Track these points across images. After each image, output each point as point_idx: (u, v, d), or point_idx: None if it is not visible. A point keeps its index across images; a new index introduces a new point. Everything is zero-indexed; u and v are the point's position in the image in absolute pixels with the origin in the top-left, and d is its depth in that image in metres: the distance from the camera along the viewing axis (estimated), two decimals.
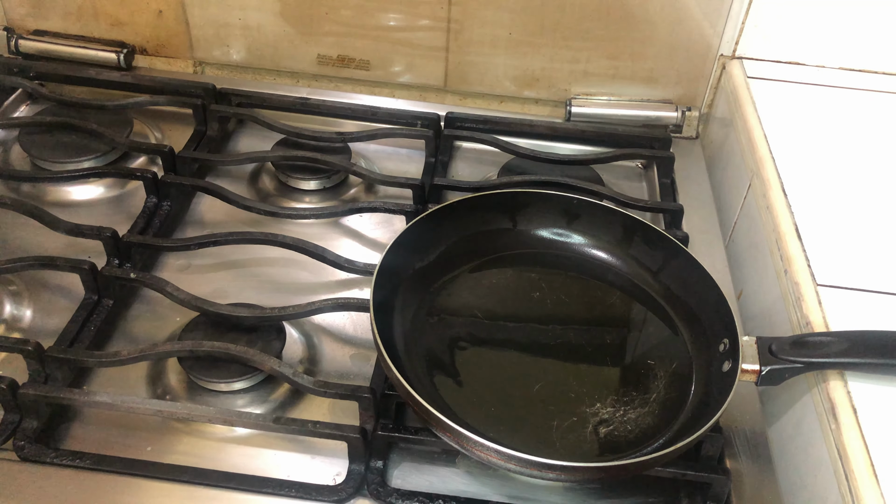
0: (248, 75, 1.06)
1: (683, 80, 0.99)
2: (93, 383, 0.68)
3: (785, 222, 0.75)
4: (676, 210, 0.86)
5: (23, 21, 1.03)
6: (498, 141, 0.94)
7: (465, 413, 0.63)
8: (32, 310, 0.74)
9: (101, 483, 0.60)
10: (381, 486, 0.61)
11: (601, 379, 0.67)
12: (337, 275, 0.78)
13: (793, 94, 0.93)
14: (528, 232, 0.78)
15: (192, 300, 0.70)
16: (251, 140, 0.98)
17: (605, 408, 0.64)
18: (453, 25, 0.97)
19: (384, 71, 1.02)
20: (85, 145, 0.90)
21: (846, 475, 0.56)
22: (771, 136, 0.85)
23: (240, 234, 0.78)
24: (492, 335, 0.70)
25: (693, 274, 0.71)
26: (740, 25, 0.94)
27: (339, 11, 0.97)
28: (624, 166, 0.98)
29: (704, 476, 0.61)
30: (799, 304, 0.68)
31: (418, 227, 0.72)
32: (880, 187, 0.80)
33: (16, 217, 0.79)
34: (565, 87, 1.01)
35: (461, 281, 0.74)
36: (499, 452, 0.55)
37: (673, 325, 0.72)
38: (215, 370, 0.67)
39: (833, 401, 0.60)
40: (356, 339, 0.74)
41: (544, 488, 0.64)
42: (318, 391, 0.63)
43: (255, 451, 0.64)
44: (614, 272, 0.76)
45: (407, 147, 0.97)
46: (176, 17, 1.01)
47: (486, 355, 0.69)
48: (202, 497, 0.60)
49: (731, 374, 0.62)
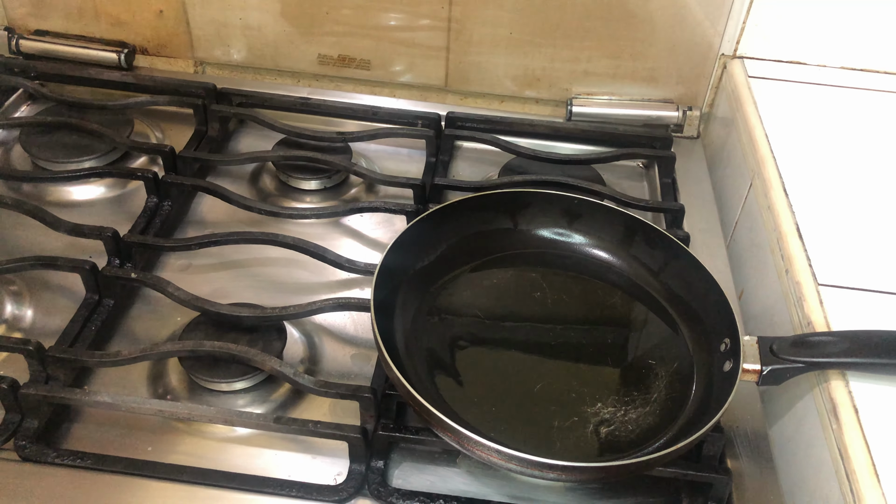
0: (249, 75, 1.06)
1: (684, 80, 0.99)
2: (94, 383, 0.68)
3: (786, 222, 0.75)
4: (677, 210, 0.86)
5: (23, 21, 1.04)
6: (499, 141, 0.94)
7: (466, 413, 0.63)
8: (33, 310, 0.74)
9: (102, 483, 0.60)
10: (382, 486, 0.61)
11: (602, 379, 0.67)
12: (338, 275, 0.78)
13: (794, 94, 0.93)
14: (529, 232, 0.78)
15: (193, 300, 0.70)
16: (252, 140, 0.98)
17: (606, 408, 0.64)
18: (454, 25, 0.97)
19: (385, 71, 1.02)
20: (86, 145, 0.90)
21: (847, 475, 0.56)
22: (772, 135, 0.85)
23: (240, 233, 0.78)
24: (493, 335, 0.70)
25: (694, 274, 0.71)
26: (741, 25, 0.94)
27: (339, 11, 0.97)
28: (625, 166, 0.98)
29: (705, 476, 0.61)
30: (800, 303, 0.68)
31: (419, 226, 0.72)
32: (882, 187, 0.80)
33: (17, 217, 0.79)
34: (566, 86, 1.01)
35: (462, 281, 0.74)
36: (500, 452, 0.55)
37: (674, 324, 0.72)
38: (216, 370, 0.67)
39: (834, 400, 0.60)
40: (357, 339, 0.74)
41: (545, 488, 0.64)
42: (318, 391, 0.63)
43: (256, 451, 0.64)
44: (615, 272, 0.76)
45: (408, 147, 0.97)
46: (176, 17, 1.01)
47: (486, 355, 0.69)
48: (203, 497, 0.60)
49: (733, 373, 0.62)
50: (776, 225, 0.75)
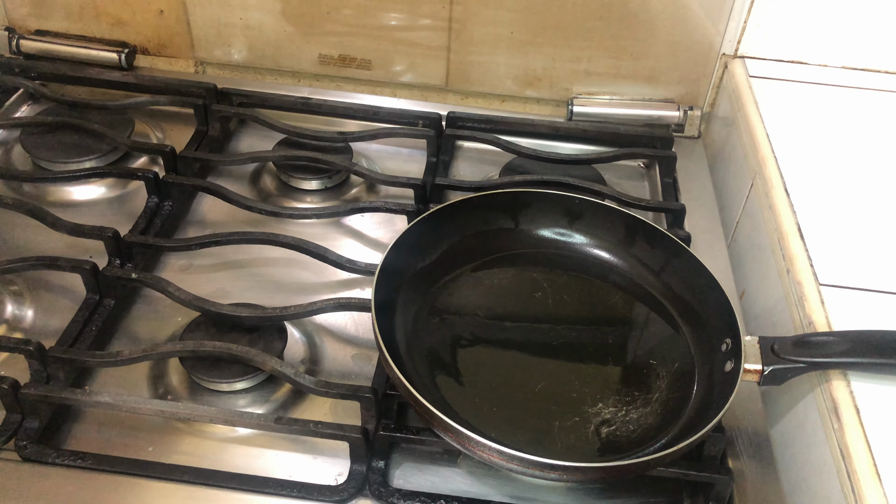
0: (250, 75, 1.06)
1: (685, 80, 0.99)
2: (94, 383, 0.68)
3: (787, 222, 0.75)
4: (678, 209, 0.86)
5: (24, 21, 1.04)
6: (499, 140, 0.94)
7: (467, 413, 0.63)
8: (34, 310, 0.74)
9: (103, 483, 0.60)
10: (383, 487, 0.61)
11: (603, 379, 0.67)
12: (338, 275, 0.78)
13: (795, 93, 0.93)
14: (529, 231, 0.78)
15: (194, 300, 0.70)
16: (252, 140, 0.98)
17: (607, 408, 0.64)
18: (455, 25, 0.97)
19: (386, 70, 1.02)
20: (86, 145, 0.90)
21: (849, 475, 0.56)
22: (773, 135, 0.85)
23: (241, 234, 0.78)
24: (493, 335, 0.70)
25: (695, 273, 0.71)
26: (742, 24, 0.94)
27: (340, 11, 0.97)
28: (626, 166, 0.98)
29: (707, 476, 0.61)
30: (801, 303, 0.68)
31: (420, 226, 0.72)
32: (883, 187, 0.80)
33: (17, 217, 0.79)
34: (567, 86, 1.01)
35: (463, 281, 0.74)
36: (501, 452, 0.55)
37: (675, 324, 0.71)
38: (217, 370, 0.67)
39: (836, 401, 0.60)
40: (358, 339, 0.74)
41: (546, 488, 0.64)
42: (319, 391, 0.63)
43: (256, 452, 0.64)
44: (616, 272, 0.76)
45: (408, 147, 0.97)
46: (177, 17, 1.01)
47: (487, 355, 0.69)
48: (204, 497, 0.60)
49: (734, 373, 0.62)
50: (777, 225, 0.75)
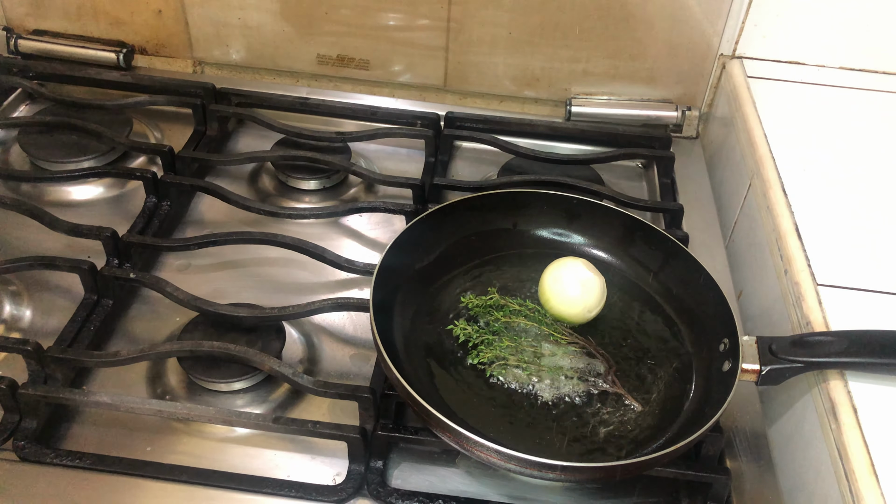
0: (248, 75, 1.06)
1: (683, 80, 0.99)
2: (92, 383, 0.68)
3: (785, 222, 0.75)
4: (676, 210, 0.86)
5: (22, 21, 1.03)
6: (498, 141, 0.94)
7: (465, 413, 0.63)
8: (32, 310, 0.74)
9: (101, 483, 0.60)
10: (381, 486, 0.61)
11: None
12: (337, 275, 0.78)
13: (793, 94, 0.93)
14: (528, 232, 0.78)
15: (192, 300, 0.70)
16: (251, 140, 0.98)
17: (605, 408, 0.64)
18: (453, 25, 0.97)
19: (384, 70, 1.02)
20: (84, 145, 0.90)
21: (846, 475, 0.56)
22: (771, 135, 0.85)
23: (239, 233, 0.78)
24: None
25: (693, 274, 0.71)
26: (740, 25, 0.94)
27: (338, 11, 0.97)
28: (624, 166, 0.98)
29: (705, 476, 0.61)
30: (799, 303, 0.68)
31: (418, 226, 0.72)
32: (881, 187, 0.80)
33: (15, 217, 0.79)
34: (565, 86, 1.01)
35: (461, 281, 0.74)
36: (499, 452, 0.55)
37: (673, 324, 0.72)
38: (215, 370, 0.67)
39: (833, 400, 0.60)
40: (356, 339, 0.74)
41: (544, 488, 0.64)
42: (317, 391, 0.63)
43: (254, 452, 0.64)
44: (614, 272, 0.76)
45: (407, 147, 0.97)
46: (175, 17, 1.01)
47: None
48: (202, 497, 0.60)
49: (732, 373, 0.62)
50: (775, 225, 0.75)
